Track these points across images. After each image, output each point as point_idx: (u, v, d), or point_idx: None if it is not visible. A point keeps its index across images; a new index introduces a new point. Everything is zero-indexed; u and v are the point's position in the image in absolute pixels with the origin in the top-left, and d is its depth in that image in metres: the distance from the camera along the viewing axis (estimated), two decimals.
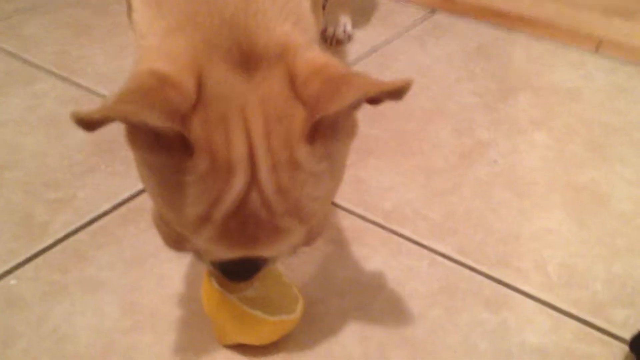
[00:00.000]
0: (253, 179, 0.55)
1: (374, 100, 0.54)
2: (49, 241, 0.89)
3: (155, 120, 0.50)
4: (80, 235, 0.90)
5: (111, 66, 1.28)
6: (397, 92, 0.52)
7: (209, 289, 0.72)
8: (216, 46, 0.56)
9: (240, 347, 0.75)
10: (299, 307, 0.75)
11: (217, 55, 0.56)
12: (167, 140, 0.53)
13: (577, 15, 1.50)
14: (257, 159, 0.55)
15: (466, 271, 0.87)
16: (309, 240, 0.64)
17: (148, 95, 0.51)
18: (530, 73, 1.29)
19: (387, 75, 1.27)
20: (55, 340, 0.76)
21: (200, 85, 0.54)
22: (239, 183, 0.55)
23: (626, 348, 0.77)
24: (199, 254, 0.64)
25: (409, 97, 1.21)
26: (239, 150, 0.54)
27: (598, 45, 1.39)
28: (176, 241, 0.63)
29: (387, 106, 1.16)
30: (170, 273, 0.85)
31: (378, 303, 0.82)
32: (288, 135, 0.55)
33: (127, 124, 0.54)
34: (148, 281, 0.84)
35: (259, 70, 0.56)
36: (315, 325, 0.79)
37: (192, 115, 0.53)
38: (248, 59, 0.56)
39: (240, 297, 0.71)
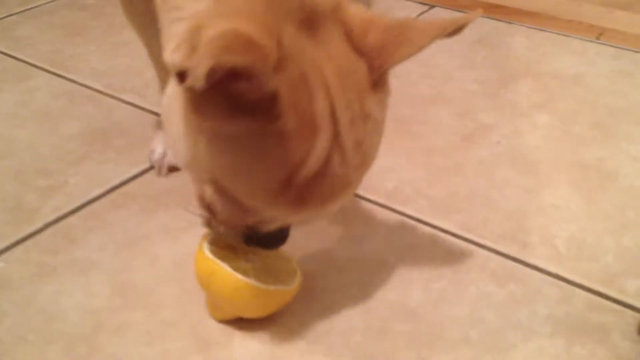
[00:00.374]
0: (334, 135, 0.55)
1: None
2: (39, 225, 0.86)
3: (260, 74, 0.48)
4: (71, 219, 0.87)
5: (106, 64, 1.26)
6: (460, 29, 0.56)
7: (201, 258, 0.69)
8: (282, 6, 0.54)
9: (235, 322, 0.72)
10: (297, 280, 0.72)
11: (285, 15, 0.54)
12: (250, 103, 0.51)
13: (577, 8, 1.48)
14: (337, 115, 0.55)
15: (470, 246, 0.84)
16: None
17: (244, 52, 0.47)
18: (531, 61, 1.27)
19: None
20: (42, 319, 0.73)
21: (278, 46, 0.52)
22: (323, 141, 0.54)
23: None
24: (258, 225, 0.62)
25: (408, 84, 1.20)
26: (322, 108, 0.54)
27: (599, 34, 1.36)
28: (238, 217, 0.61)
29: None
30: (163, 254, 0.82)
31: (380, 278, 0.79)
32: (359, 87, 0.56)
33: (221, 80, 0.47)
34: (140, 262, 0.81)
35: (321, 28, 0.56)
36: (315, 299, 0.75)
37: (277, 76, 0.51)
38: (310, 17, 0.55)
39: (234, 267, 0.68)
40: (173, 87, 0.57)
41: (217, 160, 0.55)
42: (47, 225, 0.86)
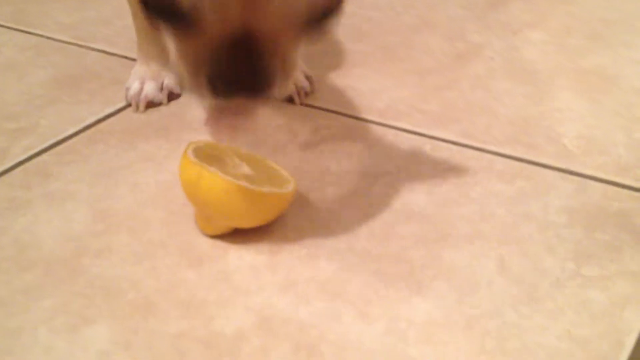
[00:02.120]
0: None
1: None
2: (9, 164, 0.80)
3: None
4: (44, 157, 0.81)
5: (73, 17, 1.19)
6: None
7: (187, 163, 0.63)
8: None
9: (228, 236, 0.66)
10: (292, 185, 0.67)
11: None
12: None
13: None
14: None
15: (473, 152, 0.78)
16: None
17: None
18: None
19: None
20: (16, 249, 0.67)
21: None
22: None
23: None
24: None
25: (391, 15, 1.14)
26: None
27: None
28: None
29: (370, 24, 1.10)
30: (145, 181, 0.76)
31: (379, 187, 0.73)
32: None
33: None
34: (121, 190, 0.75)
35: None
36: (311, 210, 0.70)
37: None
38: None
39: (222, 171, 0.62)
40: None
41: None
42: (19, 164, 0.80)
